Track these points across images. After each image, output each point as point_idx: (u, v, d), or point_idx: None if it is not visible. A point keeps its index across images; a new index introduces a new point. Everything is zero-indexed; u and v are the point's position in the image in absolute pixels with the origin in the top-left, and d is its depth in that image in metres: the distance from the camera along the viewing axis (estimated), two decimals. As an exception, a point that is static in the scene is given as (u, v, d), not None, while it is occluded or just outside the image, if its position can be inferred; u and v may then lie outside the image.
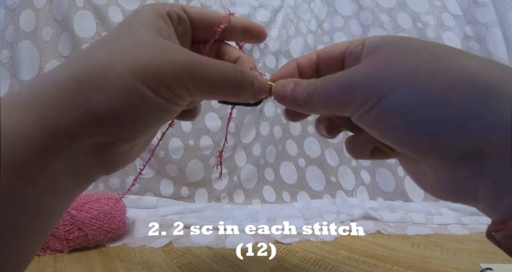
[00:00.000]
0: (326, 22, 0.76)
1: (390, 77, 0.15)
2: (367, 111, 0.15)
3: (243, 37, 0.22)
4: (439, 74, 0.14)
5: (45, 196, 0.13)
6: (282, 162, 0.67)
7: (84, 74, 0.14)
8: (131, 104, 0.14)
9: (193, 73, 0.15)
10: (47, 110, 0.13)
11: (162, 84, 0.15)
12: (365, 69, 0.16)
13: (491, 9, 0.67)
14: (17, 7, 0.55)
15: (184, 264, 0.35)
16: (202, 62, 0.16)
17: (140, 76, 0.14)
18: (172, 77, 0.15)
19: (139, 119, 0.15)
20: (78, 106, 0.13)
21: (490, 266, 0.32)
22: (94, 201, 0.40)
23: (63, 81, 0.14)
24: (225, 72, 0.17)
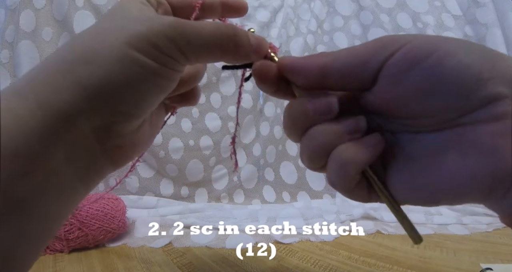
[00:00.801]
0: (326, 22, 0.76)
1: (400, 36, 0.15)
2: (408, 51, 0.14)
3: (223, 12, 0.22)
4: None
5: (46, 191, 0.13)
6: (282, 162, 0.67)
7: (75, 52, 0.14)
8: (126, 72, 0.14)
9: (183, 31, 0.15)
10: (41, 93, 0.13)
11: (154, 47, 0.14)
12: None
13: (491, 9, 0.68)
14: (17, 7, 0.55)
15: (184, 264, 0.35)
16: (190, 22, 0.16)
17: (131, 42, 0.14)
18: (163, 38, 0.15)
19: (136, 88, 0.15)
20: (71, 84, 0.13)
21: (490, 266, 0.32)
22: (94, 201, 0.40)
23: (54, 64, 0.14)
24: (216, 26, 0.16)
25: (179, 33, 0.15)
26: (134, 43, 0.14)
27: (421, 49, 0.14)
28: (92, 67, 0.13)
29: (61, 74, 0.13)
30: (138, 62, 0.14)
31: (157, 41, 0.14)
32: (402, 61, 0.14)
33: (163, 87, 0.16)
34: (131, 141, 0.17)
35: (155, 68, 0.15)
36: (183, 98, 0.23)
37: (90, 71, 0.13)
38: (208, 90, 0.66)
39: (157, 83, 0.15)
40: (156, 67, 0.15)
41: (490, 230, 0.47)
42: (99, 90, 0.13)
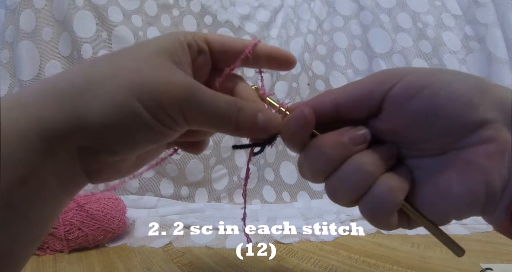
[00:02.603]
0: (326, 22, 0.76)
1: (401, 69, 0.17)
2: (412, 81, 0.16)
3: (267, 65, 0.21)
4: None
5: (35, 198, 0.14)
6: (282, 162, 0.67)
7: (85, 81, 0.14)
8: (122, 118, 0.14)
9: (190, 99, 0.15)
10: (44, 111, 0.13)
11: (157, 105, 0.14)
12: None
13: (491, 9, 0.67)
14: (17, 7, 0.55)
15: (184, 264, 0.35)
16: (202, 89, 0.16)
17: (138, 92, 0.14)
18: (169, 99, 0.15)
19: (127, 135, 0.15)
20: (73, 110, 0.14)
21: (490, 266, 0.32)
22: (94, 201, 0.40)
23: (63, 86, 0.14)
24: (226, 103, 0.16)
25: (188, 101, 0.15)
26: (140, 94, 0.14)
27: (418, 81, 0.16)
28: (92, 102, 0.14)
29: (66, 99, 0.14)
30: (137, 115, 0.14)
31: (163, 103, 0.14)
32: (401, 93, 0.16)
33: (156, 139, 0.16)
34: (111, 168, 0.18)
35: (152, 124, 0.15)
36: (187, 144, 0.22)
37: (92, 105, 0.14)
38: (208, 90, 0.66)
39: (150, 135, 0.15)
40: (154, 124, 0.15)
41: (490, 230, 0.47)
42: (91, 125, 0.14)
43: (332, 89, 0.18)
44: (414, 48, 0.71)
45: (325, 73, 0.74)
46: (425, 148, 0.17)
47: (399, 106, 0.16)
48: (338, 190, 0.17)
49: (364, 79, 0.18)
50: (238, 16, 0.72)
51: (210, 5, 0.70)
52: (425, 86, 0.15)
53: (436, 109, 0.15)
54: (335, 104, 0.18)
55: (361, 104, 0.17)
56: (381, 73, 0.17)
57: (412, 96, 0.15)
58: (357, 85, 0.18)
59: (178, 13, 0.68)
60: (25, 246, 0.14)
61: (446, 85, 0.15)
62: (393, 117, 0.17)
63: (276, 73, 0.70)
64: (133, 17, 0.63)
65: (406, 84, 0.16)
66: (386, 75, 0.17)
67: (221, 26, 0.71)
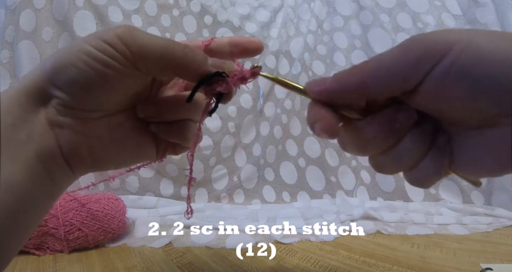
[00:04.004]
0: (326, 22, 0.76)
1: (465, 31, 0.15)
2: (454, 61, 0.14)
3: (233, 53, 0.22)
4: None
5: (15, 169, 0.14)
6: (282, 162, 0.67)
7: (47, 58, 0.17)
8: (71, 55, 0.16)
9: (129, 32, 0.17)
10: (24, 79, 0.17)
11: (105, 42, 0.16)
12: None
13: (491, 9, 0.67)
14: (17, 7, 0.55)
15: (184, 264, 0.35)
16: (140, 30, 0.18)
17: (87, 40, 0.16)
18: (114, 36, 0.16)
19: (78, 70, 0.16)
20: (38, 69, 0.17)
21: (490, 266, 0.32)
22: (94, 201, 0.40)
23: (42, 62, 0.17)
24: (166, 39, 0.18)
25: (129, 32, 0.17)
26: (91, 41, 0.16)
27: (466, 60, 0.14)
28: (55, 55, 0.17)
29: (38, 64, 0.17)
30: (87, 51, 0.16)
31: (109, 39, 0.16)
32: (444, 78, 0.15)
33: (110, 81, 0.17)
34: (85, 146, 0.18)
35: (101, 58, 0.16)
36: (171, 128, 0.21)
37: (52, 57, 0.17)
38: (208, 90, 0.66)
39: (103, 74, 0.17)
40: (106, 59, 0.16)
41: (490, 230, 0.47)
42: (50, 68, 0.16)
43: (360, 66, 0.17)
44: (414, 48, 0.71)
45: (325, 73, 0.74)
46: (463, 124, 0.16)
47: (441, 87, 0.15)
48: (388, 166, 0.18)
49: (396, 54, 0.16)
50: (238, 16, 0.72)
51: (210, 5, 0.70)
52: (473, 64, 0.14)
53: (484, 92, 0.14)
54: (363, 84, 0.16)
55: (393, 87, 0.16)
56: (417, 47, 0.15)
57: (457, 80, 0.14)
58: (389, 65, 0.16)
59: (178, 13, 0.68)
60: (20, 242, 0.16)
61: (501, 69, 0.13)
62: (432, 96, 0.16)
63: (275, 73, 0.70)
64: (133, 17, 0.63)
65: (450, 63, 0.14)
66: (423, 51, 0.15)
67: (221, 26, 0.71)
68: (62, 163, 0.17)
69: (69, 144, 0.17)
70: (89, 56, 0.16)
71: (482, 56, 0.14)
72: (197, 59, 0.18)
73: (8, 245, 0.15)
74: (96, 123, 0.18)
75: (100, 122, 0.18)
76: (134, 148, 0.21)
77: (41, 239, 0.38)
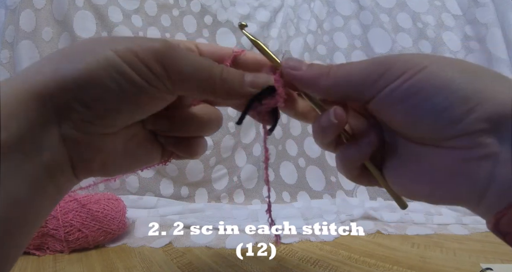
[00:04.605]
0: (326, 22, 0.76)
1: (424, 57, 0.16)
2: (405, 81, 0.16)
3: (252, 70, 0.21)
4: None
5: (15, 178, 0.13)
6: (282, 162, 0.67)
7: (63, 51, 0.15)
8: (104, 75, 0.14)
9: (168, 50, 0.15)
10: (31, 77, 0.14)
11: (139, 60, 0.15)
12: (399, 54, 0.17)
13: (491, 9, 0.67)
14: (17, 7, 0.55)
15: (184, 264, 0.35)
16: (179, 46, 0.16)
17: (118, 51, 0.14)
18: (146, 50, 0.15)
19: (108, 90, 0.14)
20: (50, 69, 0.14)
21: (490, 266, 0.32)
22: (94, 202, 0.40)
23: (50, 56, 0.15)
24: (202, 59, 0.17)
25: (168, 53, 0.15)
26: (121, 52, 0.14)
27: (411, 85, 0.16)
28: (74, 62, 0.14)
29: (45, 61, 0.15)
30: (119, 68, 0.14)
31: (144, 57, 0.15)
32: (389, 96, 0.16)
33: (139, 103, 0.16)
34: (96, 154, 0.17)
35: (131, 77, 0.15)
36: (180, 143, 0.21)
37: (72, 64, 0.14)
38: (208, 90, 0.66)
39: (132, 94, 0.15)
40: (134, 76, 0.15)
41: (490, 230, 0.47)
42: (73, 81, 0.14)
43: (334, 71, 0.18)
44: (414, 48, 0.71)
45: (325, 73, 0.73)
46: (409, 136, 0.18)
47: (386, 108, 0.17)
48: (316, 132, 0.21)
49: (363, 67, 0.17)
50: (238, 16, 0.72)
51: (210, 5, 0.70)
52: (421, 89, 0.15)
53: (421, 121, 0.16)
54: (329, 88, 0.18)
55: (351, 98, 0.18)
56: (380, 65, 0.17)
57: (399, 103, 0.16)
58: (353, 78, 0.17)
59: (178, 13, 0.68)
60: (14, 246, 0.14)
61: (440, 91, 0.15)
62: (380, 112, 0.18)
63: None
64: (133, 17, 0.63)
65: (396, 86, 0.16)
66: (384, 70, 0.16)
67: (221, 26, 0.71)
68: (69, 174, 0.16)
69: (81, 159, 0.16)
70: (121, 75, 0.14)
71: (429, 83, 0.15)
72: (236, 81, 0.17)
73: (8, 254, 0.14)
74: (112, 138, 0.17)
75: (116, 136, 0.17)
76: (143, 157, 0.20)
77: (41, 240, 0.38)
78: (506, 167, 0.14)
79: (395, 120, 0.17)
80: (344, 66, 0.18)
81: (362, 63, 0.17)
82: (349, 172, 0.20)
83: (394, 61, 0.16)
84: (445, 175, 0.16)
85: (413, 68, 0.15)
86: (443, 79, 0.15)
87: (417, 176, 0.18)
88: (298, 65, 0.19)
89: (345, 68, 0.18)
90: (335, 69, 0.18)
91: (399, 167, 0.19)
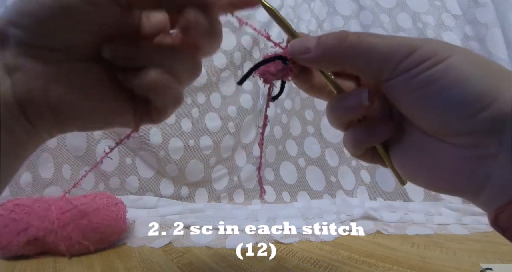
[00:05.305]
0: (326, 22, 0.76)
1: (448, 48, 0.15)
2: (426, 69, 0.15)
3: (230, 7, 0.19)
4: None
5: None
6: (282, 162, 0.67)
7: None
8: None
9: None
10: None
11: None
12: (423, 38, 0.16)
13: (491, 9, 0.67)
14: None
15: (184, 264, 0.35)
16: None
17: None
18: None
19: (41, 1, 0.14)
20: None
21: (490, 266, 0.32)
22: (93, 211, 0.38)
23: None
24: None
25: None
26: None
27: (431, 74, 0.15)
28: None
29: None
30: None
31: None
32: (409, 81, 0.16)
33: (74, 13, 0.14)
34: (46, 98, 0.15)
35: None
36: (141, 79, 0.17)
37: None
38: (208, 90, 0.66)
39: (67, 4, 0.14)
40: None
41: (490, 230, 0.47)
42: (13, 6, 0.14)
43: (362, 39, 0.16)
44: (414, 48, 0.71)
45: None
46: (414, 124, 0.18)
47: (401, 93, 0.17)
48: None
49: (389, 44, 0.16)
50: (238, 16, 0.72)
51: (210, 5, 0.70)
52: (437, 80, 0.15)
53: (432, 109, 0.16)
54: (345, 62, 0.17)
55: (369, 74, 0.17)
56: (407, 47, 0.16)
57: (416, 90, 0.16)
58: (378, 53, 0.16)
59: (178, 13, 0.68)
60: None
61: (455, 86, 0.14)
62: (395, 96, 0.17)
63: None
64: (133, 17, 0.63)
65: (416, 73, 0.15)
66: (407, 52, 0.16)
67: (221, 26, 0.71)
68: (17, 114, 0.15)
69: (23, 89, 0.15)
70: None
71: (447, 76, 0.15)
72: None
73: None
74: (56, 66, 0.15)
75: (62, 65, 0.16)
76: (99, 102, 0.17)
77: (41, 250, 0.37)
78: (504, 168, 0.14)
79: (404, 105, 0.17)
80: (366, 39, 0.16)
81: (386, 39, 0.16)
82: (356, 151, 0.20)
83: (419, 45, 0.15)
84: (444, 168, 0.17)
85: (436, 57, 0.15)
86: (462, 74, 0.15)
87: (418, 162, 0.18)
88: (305, 47, 0.18)
89: (367, 40, 0.16)
90: (354, 38, 0.16)
91: (402, 150, 0.19)
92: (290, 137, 0.69)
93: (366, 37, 0.16)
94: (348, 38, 0.16)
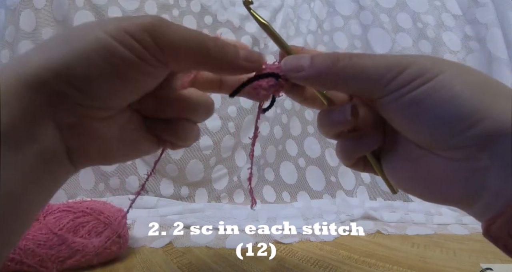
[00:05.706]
0: (326, 22, 0.76)
1: (438, 63, 0.16)
2: (415, 87, 0.15)
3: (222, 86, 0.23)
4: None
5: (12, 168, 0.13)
6: (282, 162, 0.67)
7: (55, 36, 0.15)
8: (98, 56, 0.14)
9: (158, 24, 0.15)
10: (22, 64, 0.14)
11: (131, 37, 0.14)
12: (414, 55, 0.17)
13: (491, 9, 0.67)
14: (17, 7, 0.55)
15: (184, 264, 0.35)
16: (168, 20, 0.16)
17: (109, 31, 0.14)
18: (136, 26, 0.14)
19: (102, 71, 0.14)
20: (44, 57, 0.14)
21: (490, 266, 0.32)
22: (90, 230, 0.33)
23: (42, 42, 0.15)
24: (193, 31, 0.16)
25: (158, 26, 0.15)
26: (111, 31, 0.14)
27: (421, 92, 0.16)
28: (65, 47, 0.14)
29: (37, 49, 0.15)
30: (110, 47, 0.14)
31: (135, 32, 0.14)
32: (398, 99, 0.16)
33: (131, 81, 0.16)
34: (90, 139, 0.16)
35: (124, 55, 0.14)
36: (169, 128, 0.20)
37: (62, 50, 0.14)
38: (208, 90, 0.66)
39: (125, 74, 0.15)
40: (127, 54, 0.14)
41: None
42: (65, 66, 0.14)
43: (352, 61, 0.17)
44: (414, 48, 0.71)
45: (325, 73, 0.73)
46: (407, 137, 0.18)
47: (392, 109, 0.17)
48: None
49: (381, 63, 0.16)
50: (238, 16, 0.72)
51: (210, 5, 0.70)
52: (427, 98, 0.15)
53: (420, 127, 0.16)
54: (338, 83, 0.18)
55: (367, 91, 0.18)
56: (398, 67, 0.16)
57: (406, 107, 0.16)
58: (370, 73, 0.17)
59: (178, 13, 0.68)
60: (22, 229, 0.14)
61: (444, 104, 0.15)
62: (387, 112, 0.18)
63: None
64: (133, 17, 0.63)
65: (407, 91, 0.16)
66: (397, 72, 0.16)
67: (221, 26, 0.71)
68: (66, 163, 0.16)
69: (77, 146, 0.16)
70: (112, 54, 0.14)
71: (437, 94, 0.15)
72: (230, 52, 0.17)
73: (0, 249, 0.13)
74: (107, 122, 0.17)
75: (111, 121, 0.17)
76: (138, 144, 0.20)
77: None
78: (496, 180, 0.14)
79: (396, 121, 0.18)
80: (357, 60, 0.17)
81: (376, 60, 0.16)
82: (347, 161, 0.21)
83: (409, 64, 0.16)
84: (438, 179, 0.17)
85: (425, 75, 0.15)
86: (451, 92, 0.15)
87: (411, 173, 0.18)
88: (298, 65, 0.18)
89: (357, 62, 0.17)
90: (345, 60, 0.17)
91: (395, 161, 0.19)
92: (290, 137, 0.69)
93: (357, 59, 0.17)
94: (339, 61, 0.17)
